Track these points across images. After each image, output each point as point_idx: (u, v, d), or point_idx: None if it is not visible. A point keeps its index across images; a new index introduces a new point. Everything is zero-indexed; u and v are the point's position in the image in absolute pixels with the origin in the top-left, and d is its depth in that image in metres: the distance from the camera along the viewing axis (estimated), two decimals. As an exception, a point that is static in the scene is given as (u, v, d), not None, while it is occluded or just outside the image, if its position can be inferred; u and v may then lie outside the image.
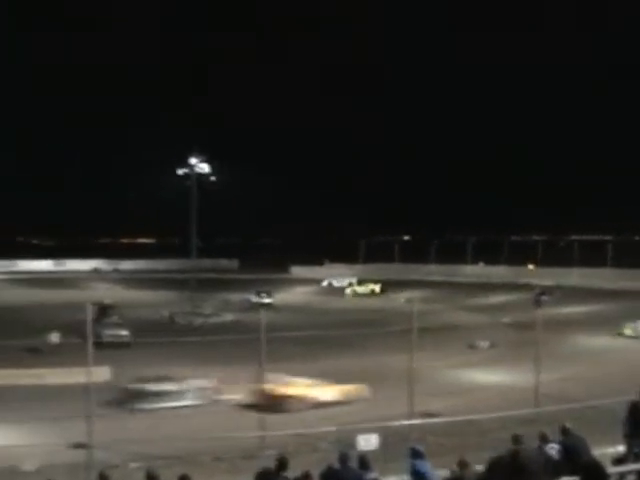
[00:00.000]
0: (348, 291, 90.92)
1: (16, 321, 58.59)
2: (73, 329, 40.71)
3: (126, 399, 34.43)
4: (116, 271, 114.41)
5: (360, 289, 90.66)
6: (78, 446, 25.74)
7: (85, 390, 25.14)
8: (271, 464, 16.44)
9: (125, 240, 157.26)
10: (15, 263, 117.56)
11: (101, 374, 33.00)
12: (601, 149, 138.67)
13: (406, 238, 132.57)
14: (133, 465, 24.65)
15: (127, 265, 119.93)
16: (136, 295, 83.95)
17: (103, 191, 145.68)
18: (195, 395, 35.18)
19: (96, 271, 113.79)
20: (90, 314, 26.37)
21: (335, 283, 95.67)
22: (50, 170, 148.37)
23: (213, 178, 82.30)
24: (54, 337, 49.10)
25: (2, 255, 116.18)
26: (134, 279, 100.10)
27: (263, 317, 27.72)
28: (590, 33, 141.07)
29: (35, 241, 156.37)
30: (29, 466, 24.89)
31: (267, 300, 76.10)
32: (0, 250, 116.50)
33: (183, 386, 35.43)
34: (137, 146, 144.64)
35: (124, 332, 52.78)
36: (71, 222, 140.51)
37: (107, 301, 60.73)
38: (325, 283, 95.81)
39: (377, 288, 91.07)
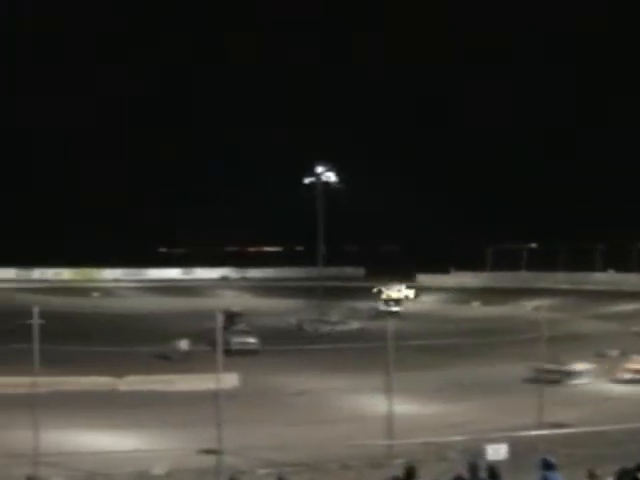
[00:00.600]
0: (383, 296, 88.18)
1: (146, 329, 59.78)
2: (202, 336, 41.42)
3: (547, 377, 36.16)
4: (244, 279, 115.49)
5: (394, 294, 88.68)
6: (207, 451, 26.07)
7: (215, 396, 25.46)
8: (399, 473, 16.30)
9: (252, 248, 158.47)
10: (144, 271, 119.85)
11: (229, 381, 33.40)
12: None
13: (533, 245, 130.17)
14: (261, 471, 24.80)
15: (254, 273, 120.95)
16: (263, 303, 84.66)
17: (230, 200, 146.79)
18: (588, 375, 42.45)
19: (224, 279, 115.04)
20: (220, 322, 26.72)
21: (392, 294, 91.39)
22: (181, 181, 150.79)
23: (340, 187, 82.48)
24: (183, 344, 49.83)
25: (132, 264, 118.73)
26: (261, 287, 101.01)
27: (391, 325, 27.62)
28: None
29: (163, 249, 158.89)
30: (159, 470, 25.30)
31: (394, 308, 75.82)
32: (130, 259, 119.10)
33: (582, 367, 42.84)
34: (264, 155, 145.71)
35: (252, 340, 53.19)
36: (199, 231, 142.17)
37: (235, 309, 61.36)
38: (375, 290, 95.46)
39: (411, 294, 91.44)
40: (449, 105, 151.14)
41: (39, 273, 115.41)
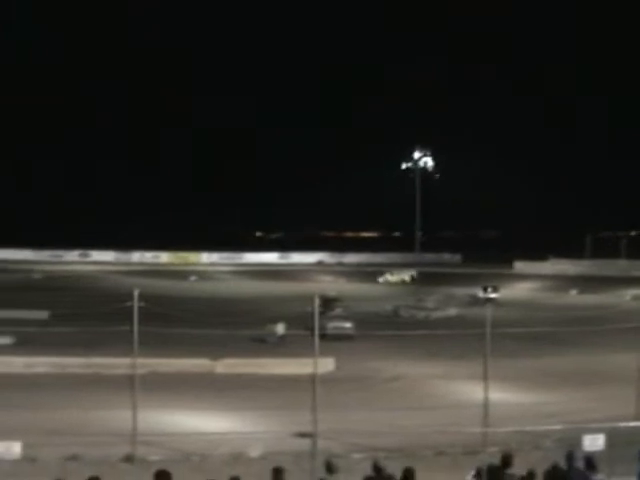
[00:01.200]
0: (381, 280, 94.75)
1: (242, 312, 60.23)
2: (298, 321, 41.66)
3: None
4: (340, 264, 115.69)
5: (392, 278, 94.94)
6: (302, 435, 26.23)
7: (310, 381, 25.58)
8: (495, 460, 16.16)
9: (349, 233, 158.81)
10: (241, 255, 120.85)
11: (325, 365, 33.54)
12: None
13: (633, 234, 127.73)
14: (356, 456, 24.84)
15: (351, 258, 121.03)
16: (359, 288, 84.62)
17: (328, 185, 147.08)
18: None
19: (320, 264, 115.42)
20: (317, 307, 26.82)
21: (389, 277, 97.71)
22: (280, 166, 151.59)
23: (437, 175, 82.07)
24: (280, 328, 50.15)
25: (229, 248, 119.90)
26: (358, 272, 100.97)
27: (489, 312, 27.36)
28: None
29: (259, 234, 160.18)
30: (254, 452, 25.55)
31: (492, 295, 75.14)
32: (227, 243, 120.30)
33: None
34: (362, 141, 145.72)
35: (348, 324, 53.26)
36: (297, 216, 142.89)
37: (331, 294, 61.54)
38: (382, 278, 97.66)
39: (407, 278, 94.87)
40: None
41: (138, 256, 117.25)
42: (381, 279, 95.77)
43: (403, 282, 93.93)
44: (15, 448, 24.79)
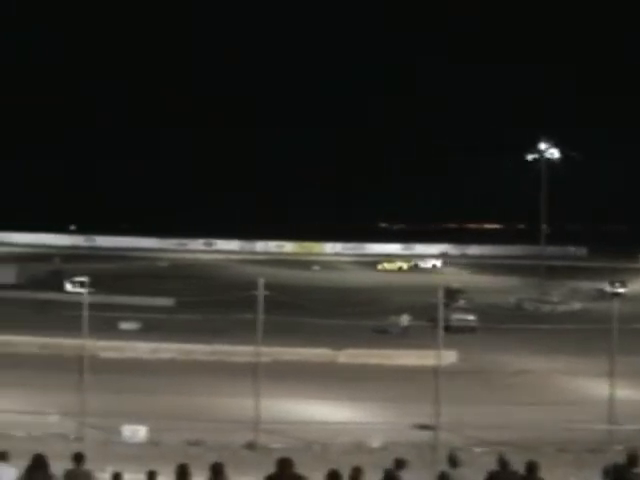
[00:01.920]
0: (379, 267, 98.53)
1: (365, 302, 60.29)
2: (421, 312, 41.53)
3: None
4: (463, 256, 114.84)
5: (389, 266, 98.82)
6: (423, 427, 26.15)
7: (433, 373, 25.48)
8: (620, 459, 15.78)
9: (472, 225, 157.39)
10: (364, 246, 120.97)
11: (448, 357, 33.34)
12: None
13: None
14: (477, 450, 24.64)
15: (474, 250, 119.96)
16: (483, 280, 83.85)
17: (452, 176, 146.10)
18: None
19: (444, 255, 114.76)
20: (441, 298, 26.68)
21: (421, 264, 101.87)
22: (404, 157, 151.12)
23: (562, 161, 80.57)
24: (403, 319, 50.07)
25: (353, 238, 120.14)
26: (481, 264, 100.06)
27: (616, 307, 26.77)
28: None
29: (383, 224, 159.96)
30: (375, 442, 25.58)
31: (620, 290, 73.54)
32: (350, 233, 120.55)
33: None
34: (487, 132, 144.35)
35: (471, 317, 52.85)
36: (420, 207, 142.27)
37: (455, 285, 61.14)
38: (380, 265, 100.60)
39: (405, 265, 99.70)
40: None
41: (262, 245, 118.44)
42: (379, 266, 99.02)
43: (400, 269, 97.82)
44: (141, 432, 25.44)
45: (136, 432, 25.53)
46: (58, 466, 15.16)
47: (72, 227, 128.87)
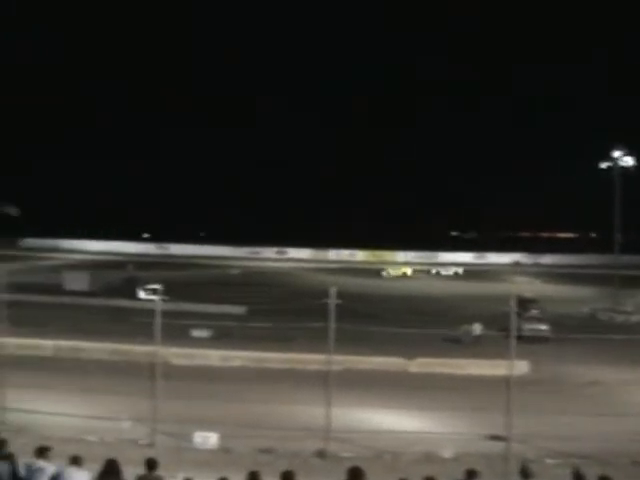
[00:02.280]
0: (384, 274, 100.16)
1: (436, 311, 60.02)
2: (493, 321, 41.22)
3: None
4: (536, 265, 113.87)
5: (393, 272, 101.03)
6: (495, 437, 25.93)
7: (505, 383, 25.25)
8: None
9: (545, 234, 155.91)
10: (436, 255, 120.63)
11: (520, 367, 33.02)
12: None
13: None
14: (549, 461, 24.38)
15: (547, 259, 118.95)
16: (556, 290, 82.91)
17: (524, 185, 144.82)
18: None
19: (517, 264, 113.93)
20: (513, 307, 26.46)
21: (443, 272, 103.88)
22: (477, 165, 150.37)
23: (637, 169, 79.30)
24: (476, 328, 49.73)
25: (424, 247, 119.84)
26: (554, 273, 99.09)
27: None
28: None
29: (455, 233, 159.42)
30: (447, 453, 25.42)
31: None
32: (422, 242, 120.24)
33: None
34: (559, 140, 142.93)
35: (544, 326, 52.24)
36: (492, 215, 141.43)
37: (527, 295, 60.51)
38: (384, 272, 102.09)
39: (409, 271, 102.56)
40: None
41: (334, 254, 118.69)
42: (384, 273, 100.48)
43: (404, 275, 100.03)
44: (212, 439, 25.60)
45: (207, 439, 25.69)
46: (130, 471, 15.35)
47: (145, 235, 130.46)
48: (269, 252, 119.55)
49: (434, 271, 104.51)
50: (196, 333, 47.60)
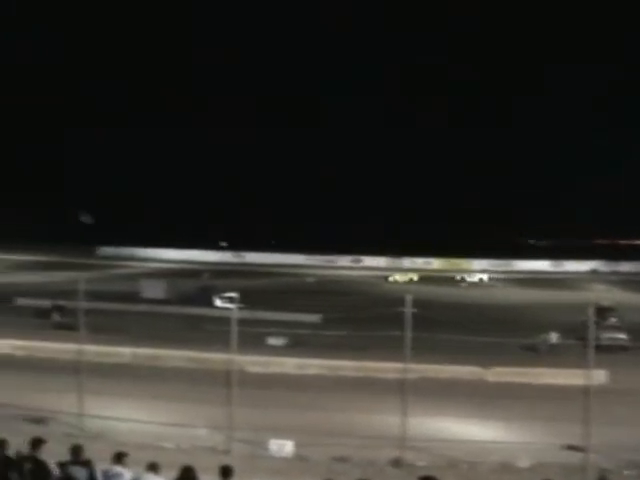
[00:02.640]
0: (390, 279, 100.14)
1: (512, 320, 59.53)
2: (570, 330, 40.72)
3: None
4: (614, 273, 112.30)
5: (400, 278, 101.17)
6: (572, 448, 25.59)
7: (585, 393, 24.94)
8: None
9: (624, 241, 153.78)
10: (512, 263, 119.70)
11: (597, 377, 32.53)
12: None
13: None
14: (627, 472, 24.01)
15: (626, 267, 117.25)
16: (634, 298, 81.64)
17: (600, 192, 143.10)
18: None
19: (594, 272, 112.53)
20: (592, 316, 26.12)
21: (468, 278, 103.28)
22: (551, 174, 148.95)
23: None
24: (552, 337, 49.19)
25: (500, 254, 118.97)
26: (633, 281, 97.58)
27: None
28: None
29: (531, 241, 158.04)
30: (523, 463, 25.16)
31: None
32: (499, 249, 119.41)
33: None
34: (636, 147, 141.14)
35: (622, 335, 51.40)
36: (569, 223, 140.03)
37: (605, 303, 59.67)
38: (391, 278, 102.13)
39: (415, 277, 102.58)
40: None
41: (409, 262, 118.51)
42: (391, 279, 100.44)
43: (411, 281, 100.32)
44: (287, 447, 25.66)
45: (282, 447, 25.76)
46: (206, 479, 15.45)
47: (223, 244, 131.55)
48: (344, 260, 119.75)
49: (459, 277, 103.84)
50: (272, 341, 47.81)
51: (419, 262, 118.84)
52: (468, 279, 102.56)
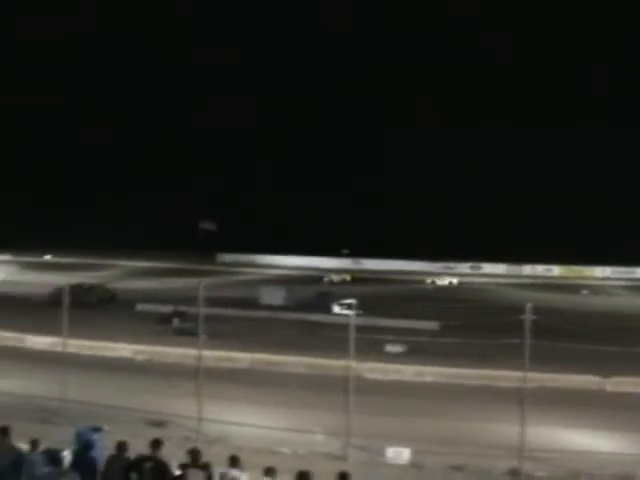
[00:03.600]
0: (325, 279, 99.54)
1: (635, 328, 58.23)
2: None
3: None
4: None
5: (335, 277, 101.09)
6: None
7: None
8: None
9: None
10: (635, 270, 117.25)
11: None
12: None
13: None
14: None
15: None
16: None
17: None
18: None
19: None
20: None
21: (438, 282, 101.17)
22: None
23: None
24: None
25: (624, 262, 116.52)
26: None
27: None
28: None
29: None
30: (645, 475, 24.70)
31: None
32: (622, 257, 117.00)
33: None
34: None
35: None
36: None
37: None
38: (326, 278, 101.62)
39: (348, 277, 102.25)
40: None
41: (529, 269, 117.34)
42: (325, 279, 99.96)
43: (344, 281, 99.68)
44: (404, 454, 25.63)
45: (399, 454, 25.74)
46: (322, 484, 15.58)
47: (345, 251, 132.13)
48: (463, 267, 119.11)
49: (429, 280, 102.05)
50: (390, 348, 47.78)
51: (539, 269, 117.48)
52: (438, 282, 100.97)
